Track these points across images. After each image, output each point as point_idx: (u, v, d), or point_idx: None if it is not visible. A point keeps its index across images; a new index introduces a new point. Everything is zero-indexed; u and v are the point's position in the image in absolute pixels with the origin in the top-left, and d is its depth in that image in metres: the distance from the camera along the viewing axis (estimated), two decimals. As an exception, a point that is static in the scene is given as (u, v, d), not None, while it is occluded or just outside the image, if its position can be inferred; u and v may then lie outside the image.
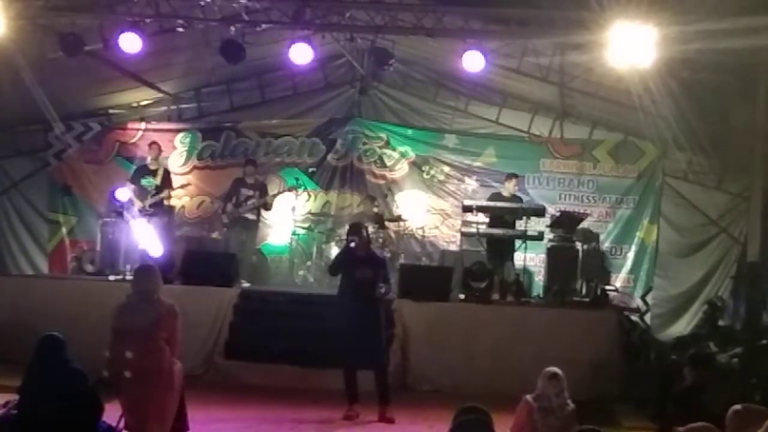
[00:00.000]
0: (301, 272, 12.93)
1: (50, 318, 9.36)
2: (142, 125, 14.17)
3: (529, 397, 6.29)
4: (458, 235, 12.67)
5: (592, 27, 9.28)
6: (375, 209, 13.14)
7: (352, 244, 8.65)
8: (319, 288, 12.35)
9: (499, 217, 11.79)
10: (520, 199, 12.29)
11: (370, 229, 12.33)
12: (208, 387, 9.52)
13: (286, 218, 13.21)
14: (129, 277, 10.38)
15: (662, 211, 13.16)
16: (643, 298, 12.42)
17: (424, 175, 14.01)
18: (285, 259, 13.41)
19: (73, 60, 10.57)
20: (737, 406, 5.35)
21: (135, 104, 14.26)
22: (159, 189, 11.92)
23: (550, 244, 12.07)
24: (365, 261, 8.64)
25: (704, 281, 12.68)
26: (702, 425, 5.04)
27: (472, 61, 10.18)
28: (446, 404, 7.69)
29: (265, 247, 13.52)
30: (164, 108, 14.36)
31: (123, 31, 10.12)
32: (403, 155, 14.06)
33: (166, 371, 6.52)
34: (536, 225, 11.97)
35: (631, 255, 13.37)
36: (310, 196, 13.98)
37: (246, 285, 11.57)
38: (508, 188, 12.11)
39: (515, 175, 12.28)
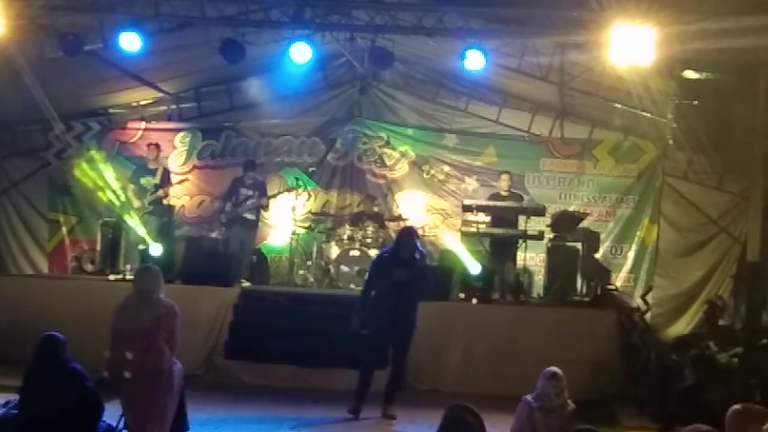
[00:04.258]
0: (301, 272, 12.92)
1: (50, 318, 9.34)
2: (142, 125, 14.15)
3: (529, 396, 6.30)
4: (458, 235, 12.66)
5: (592, 27, 9.27)
6: (375, 209, 13.15)
7: (419, 246, 8.77)
8: (319, 288, 12.35)
9: (501, 217, 11.79)
10: (519, 197, 12.30)
11: (370, 228, 12.38)
12: (208, 387, 9.54)
13: (286, 218, 13.20)
14: (129, 277, 10.42)
15: (662, 210, 13.13)
16: (643, 297, 12.41)
17: (424, 175, 13.99)
18: (285, 259, 13.40)
19: (73, 60, 10.56)
20: (737, 406, 5.34)
21: (135, 104, 14.24)
22: (158, 188, 11.94)
23: (550, 244, 12.07)
24: (402, 262, 8.64)
25: (704, 281, 12.66)
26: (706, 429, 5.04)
27: (473, 61, 10.18)
28: (446, 404, 7.68)
29: (265, 246, 13.52)
30: (164, 108, 14.35)
31: (123, 31, 10.12)
32: (403, 155, 14.05)
33: (166, 371, 6.52)
34: (536, 225, 11.98)
35: (631, 254, 13.35)
36: (310, 195, 13.96)
37: (246, 285, 11.57)
38: (502, 186, 12.13)
39: (506, 172, 12.31)
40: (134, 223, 11.73)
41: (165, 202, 12.27)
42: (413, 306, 8.71)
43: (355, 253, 12.21)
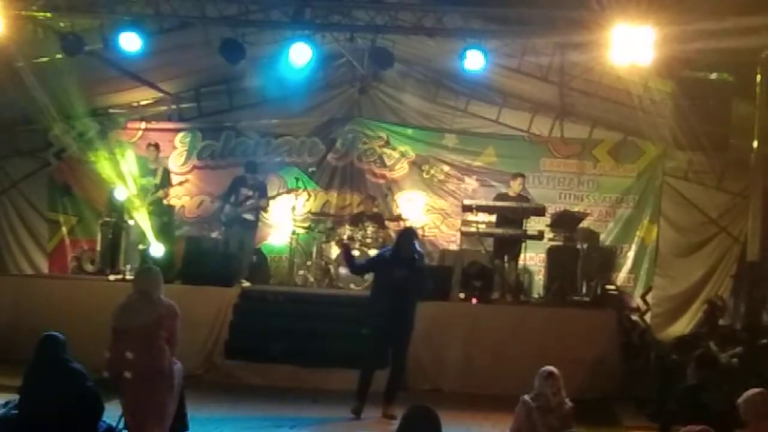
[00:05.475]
0: (301, 272, 12.92)
1: (50, 318, 9.36)
2: (142, 125, 14.16)
3: (527, 396, 6.29)
4: (458, 235, 12.68)
5: (592, 27, 9.28)
6: (375, 209, 13.15)
7: (418, 246, 8.82)
8: (319, 288, 12.36)
9: (505, 217, 11.78)
10: (526, 199, 12.27)
11: (370, 229, 12.38)
12: (208, 387, 9.54)
13: (286, 218, 13.21)
14: (129, 277, 10.42)
15: (662, 210, 13.15)
16: (643, 297, 12.42)
17: (424, 175, 13.99)
18: (285, 259, 13.40)
19: (73, 60, 10.56)
20: (755, 391, 5.36)
21: (135, 104, 14.26)
22: (158, 188, 11.95)
23: (550, 244, 12.08)
24: (402, 260, 8.66)
25: (704, 280, 12.68)
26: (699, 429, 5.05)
27: (473, 61, 10.18)
28: (446, 404, 7.71)
29: (265, 246, 13.52)
30: (164, 108, 14.36)
31: (123, 31, 10.12)
32: (403, 155, 14.05)
33: (166, 371, 6.52)
34: (536, 224, 11.98)
35: (631, 254, 13.35)
36: (310, 195, 13.96)
37: (246, 285, 11.57)
38: (514, 188, 12.06)
39: (521, 175, 12.22)
40: (143, 218, 11.71)
41: (165, 202, 12.26)
42: (412, 305, 8.72)
43: (355, 253, 12.16)
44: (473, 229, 11.72)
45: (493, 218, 12.00)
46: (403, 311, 8.62)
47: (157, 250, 11.47)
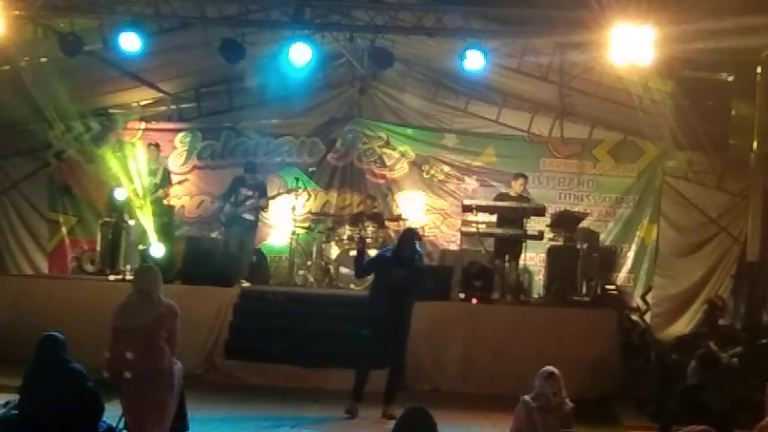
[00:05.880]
0: (301, 272, 12.92)
1: (50, 318, 9.36)
2: (142, 125, 14.16)
3: (527, 397, 6.27)
4: (458, 235, 12.68)
5: (592, 27, 9.29)
6: (375, 209, 13.15)
7: (419, 247, 8.88)
8: (319, 288, 12.36)
9: (505, 217, 11.78)
10: (526, 199, 12.26)
11: (370, 229, 12.38)
12: (208, 387, 9.54)
13: (286, 218, 13.21)
14: (129, 277, 10.42)
15: (662, 210, 13.16)
16: (643, 297, 12.42)
17: (424, 175, 13.99)
18: (285, 259, 13.40)
19: (73, 60, 10.56)
20: None
21: (135, 104, 14.26)
22: (158, 188, 11.95)
23: (550, 244, 12.07)
24: (402, 260, 8.67)
25: (704, 280, 12.68)
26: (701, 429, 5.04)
27: (472, 61, 10.19)
28: (446, 404, 7.73)
29: (265, 246, 13.52)
30: (164, 108, 14.36)
31: (122, 31, 10.12)
32: (402, 155, 14.05)
33: (166, 371, 6.51)
34: (536, 224, 11.97)
35: (631, 254, 13.36)
36: (310, 195, 13.96)
37: (246, 285, 11.57)
38: (515, 188, 12.04)
39: (522, 175, 12.21)
40: (146, 217, 11.71)
41: (165, 202, 12.27)
42: (410, 305, 8.72)
43: (355, 253, 12.18)
44: (473, 229, 11.71)
45: (493, 218, 11.99)
46: (402, 311, 8.63)
47: (157, 250, 11.47)
